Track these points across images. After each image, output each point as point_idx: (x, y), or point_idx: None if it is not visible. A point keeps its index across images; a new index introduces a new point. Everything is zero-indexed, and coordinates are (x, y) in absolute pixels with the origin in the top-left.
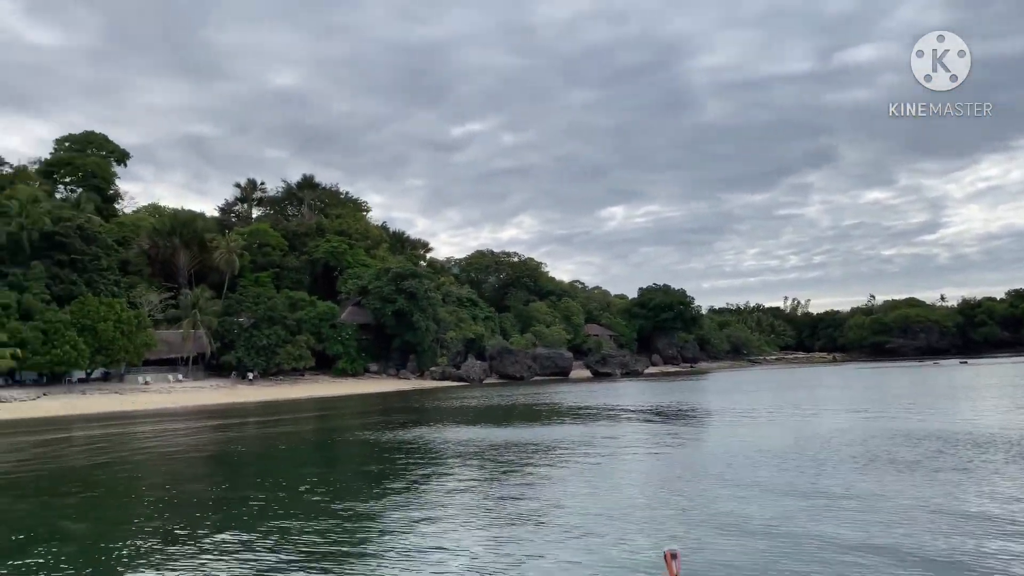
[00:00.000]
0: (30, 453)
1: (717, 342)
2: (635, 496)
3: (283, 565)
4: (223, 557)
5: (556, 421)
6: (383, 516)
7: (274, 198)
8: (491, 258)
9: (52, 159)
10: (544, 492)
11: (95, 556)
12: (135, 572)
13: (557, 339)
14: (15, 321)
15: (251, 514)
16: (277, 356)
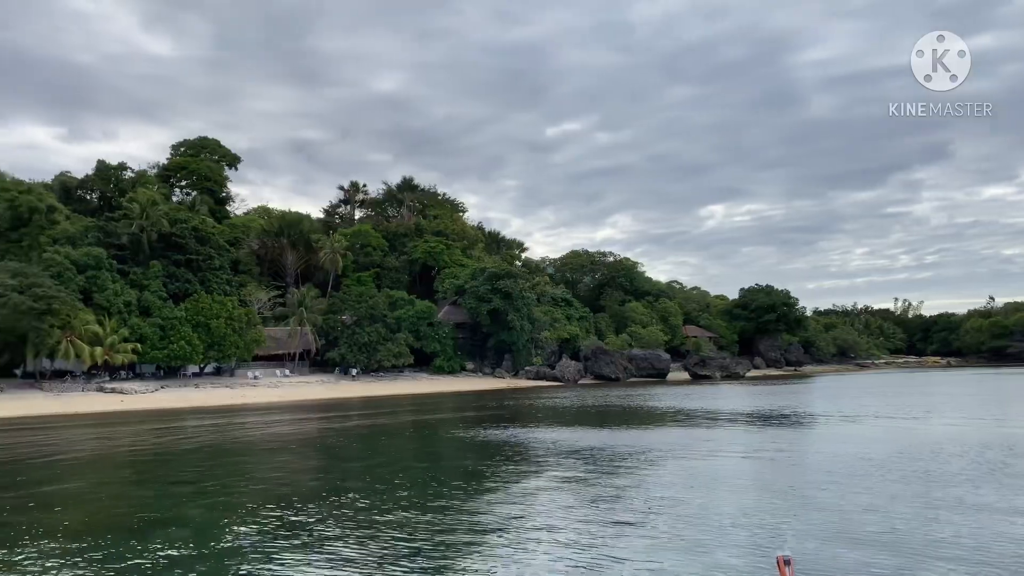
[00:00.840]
0: (151, 443)
1: (823, 345)
2: (740, 501)
3: (380, 555)
4: (325, 545)
5: (653, 424)
6: (478, 513)
7: (375, 200)
8: (586, 258)
9: (169, 164)
10: (643, 495)
11: (209, 540)
12: (245, 557)
13: (654, 340)
14: (136, 317)
15: (353, 505)
16: (378, 353)
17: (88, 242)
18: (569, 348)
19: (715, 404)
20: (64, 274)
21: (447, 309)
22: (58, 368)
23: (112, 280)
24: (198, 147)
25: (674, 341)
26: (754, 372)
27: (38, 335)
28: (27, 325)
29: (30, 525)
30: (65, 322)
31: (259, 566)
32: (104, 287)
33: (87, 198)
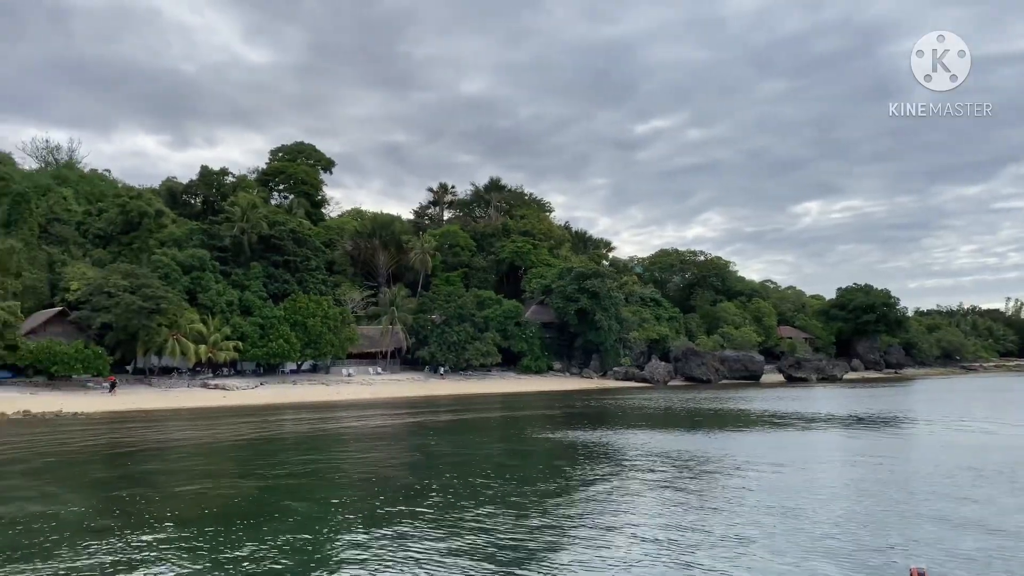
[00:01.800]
0: (253, 437)
1: (926, 347)
2: (849, 509)
3: (468, 551)
4: (418, 541)
5: (746, 427)
6: (564, 515)
7: (463, 200)
8: (676, 256)
9: (268, 168)
10: (740, 502)
11: (312, 532)
12: (345, 549)
13: (746, 341)
14: (237, 316)
15: (444, 501)
16: (466, 352)
17: (193, 244)
18: (659, 349)
19: (811, 407)
20: (171, 275)
21: (534, 309)
22: (165, 365)
23: (215, 281)
24: (295, 152)
25: (768, 342)
26: (851, 375)
27: (147, 333)
28: (137, 324)
29: (146, 513)
30: (172, 321)
31: (358, 556)
32: (208, 287)
33: (192, 202)
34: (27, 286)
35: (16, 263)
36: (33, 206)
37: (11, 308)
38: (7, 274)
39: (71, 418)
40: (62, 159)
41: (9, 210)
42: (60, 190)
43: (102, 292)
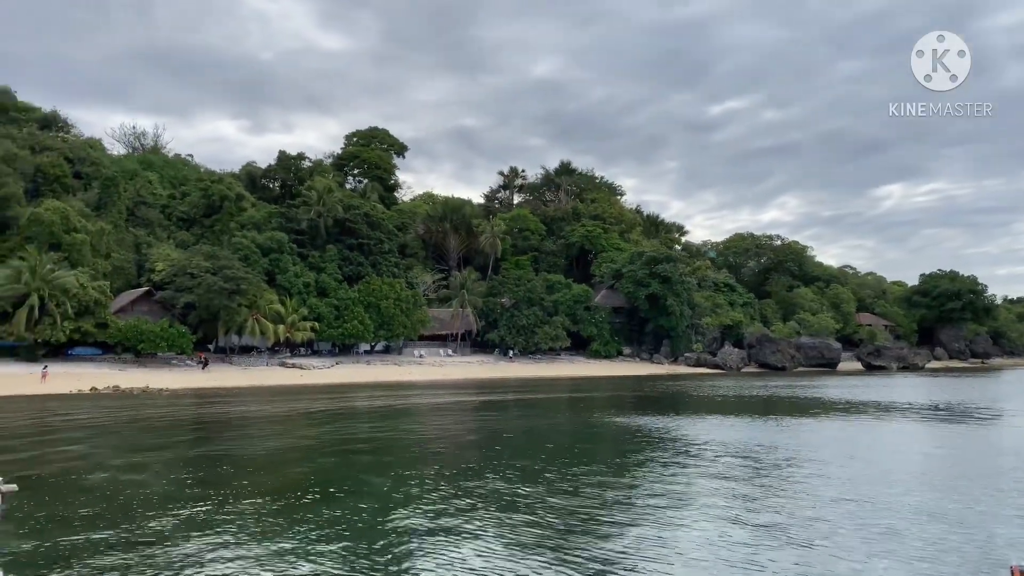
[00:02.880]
0: (329, 415)
1: (1015, 336)
2: (933, 503)
3: (530, 534)
4: (485, 517)
5: (822, 415)
6: (629, 501)
7: (533, 184)
8: (751, 241)
9: (343, 153)
10: (818, 494)
11: (389, 507)
12: (420, 524)
13: (824, 328)
14: (313, 298)
15: (511, 481)
16: (535, 336)
17: (271, 227)
18: (732, 335)
19: (891, 397)
20: (251, 257)
21: (604, 293)
22: (245, 344)
23: (293, 263)
24: (369, 137)
25: (846, 329)
26: (934, 363)
27: (228, 313)
28: (219, 304)
29: (229, 486)
30: (252, 301)
31: (431, 531)
32: (286, 269)
33: (270, 186)
34: (116, 267)
35: (106, 245)
36: (121, 190)
37: (101, 288)
38: (98, 255)
39: (157, 394)
40: (148, 144)
41: (100, 194)
42: (146, 174)
43: (186, 273)
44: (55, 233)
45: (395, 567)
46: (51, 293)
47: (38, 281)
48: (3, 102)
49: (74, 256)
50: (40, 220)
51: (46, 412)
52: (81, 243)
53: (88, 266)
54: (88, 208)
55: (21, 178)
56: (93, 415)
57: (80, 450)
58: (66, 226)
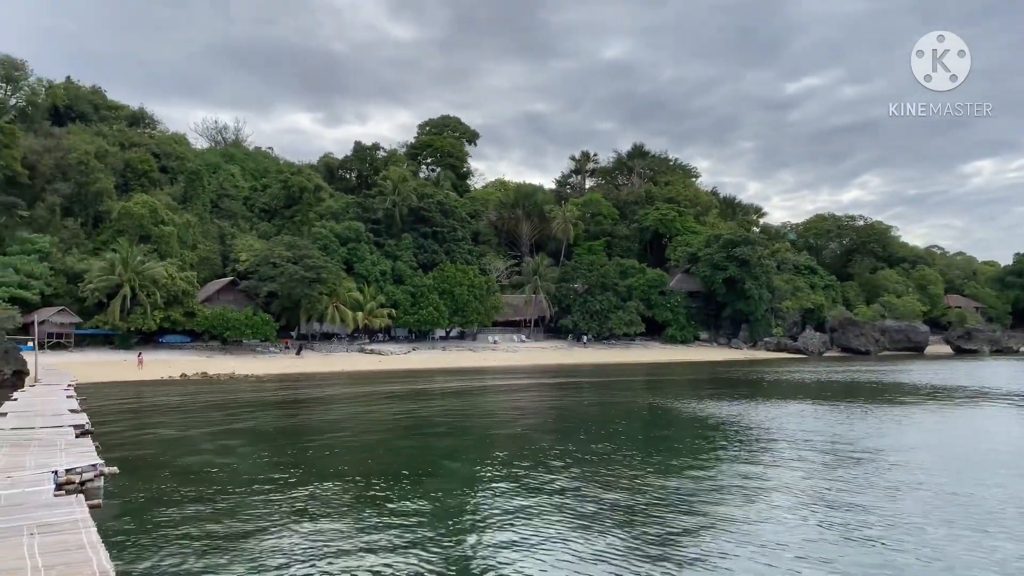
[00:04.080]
0: (408, 399)
1: None
2: None
3: (610, 520)
4: (560, 505)
5: (911, 401)
6: (706, 495)
7: (605, 168)
8: (832, 222)
9: (416, 142)
10: (918, 488)
11: (468, 492)
12: (502, 510)
13: (910, 311)
14: (390, 285)
15: (588, 468)
16: (609, 321)
17: (349, 217)
18: (813, 319)
19: (984, 382)
20: (330, 246)
21: (679, 277)
22: (326, 331)
23: (370, 251)
24: (441, 125)
25: (933, 312)
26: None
27: (309, 301)
28: (300, 292)
29: (315, 468)
30: (331, 289)
31: (509, 514)
32: (363, 258)
33: (347, 177)
34: (202, 258)
35: (192, 236)
36: (205, 183)
37: (189, 278)
38: (185, 247)
39: (243, 380)
40: (229, 138)
41: (185, 187)
42: (228, 167)
43: (268, 263)
44: (145, 226)
45: (474, 550)
46: (142, 284)
47: (130, 272)
48: (94, 101)
49: (163, 248)
50: (130, 214)
51: (140, 397)
52: (169, 235)
53: (176, 257)
54: (175, 201)
55: (112, 173)
56: (184, 400)
57: (173, 434)
58: (155, 219)
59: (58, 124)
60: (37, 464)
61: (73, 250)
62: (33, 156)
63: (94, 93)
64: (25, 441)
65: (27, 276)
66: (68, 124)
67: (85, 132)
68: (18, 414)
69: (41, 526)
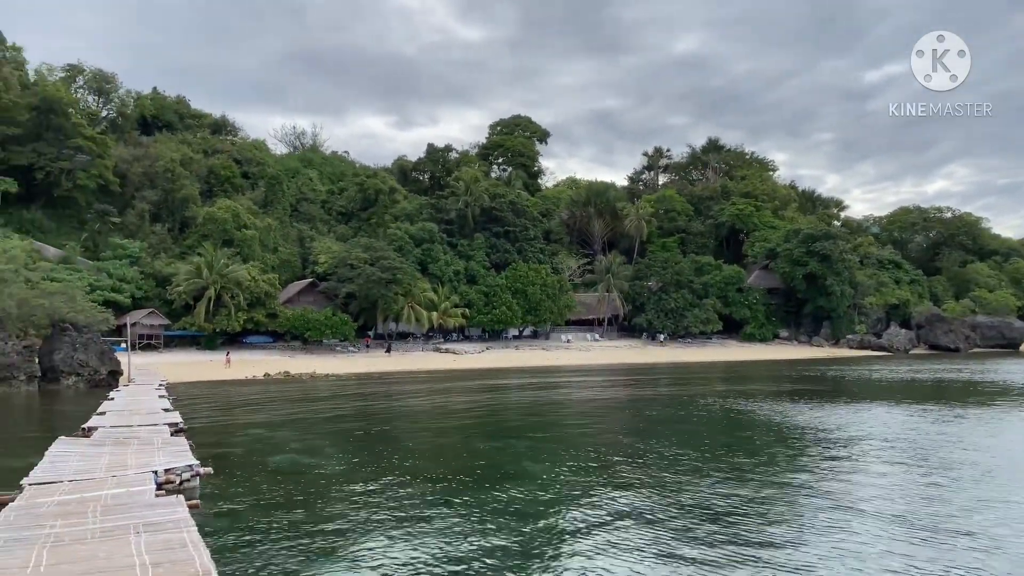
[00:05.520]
0: (484, 398)
1: None
2: None
3: (692, 527)
4: (642, 510)
5: (1005, 401)
6: (788, 501)
7: (679, 164)
8: (917, 214)
9: (487, 143)
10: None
11: (548, 494)
12: (580, 512)
13: (1003, 305)
14: (463, 285)
15: (668, 471)
16: (685, 319)
17: (422, 218)
18: (898, 315)
19: None
20: (404, 247)
21: (757, 274)
22: (402, 331)
23: (443, 252)
24: (512, 125)
25: None
26: None
27: (386, 301)
28: (377, 293)
29: (394, 469)
30: (407, 290)
31: (595, 521)
32: (437, 258)
33: (420, 178)
34: (283, 260)
35: (273, 239)
36: (285, 187)
37: (270, 280)
38: (266, 250)
39: (323, 379)
40: (307, 143)
41: (266, 192)
42: (307, 172)
43: (346, 264)
44: (228, 230)
45: (556, 554)
46: (226, 286)
47: (215, 275)
48: (179, 111)
49: (245, 251)
50: (215, 219)
51: (227, 396)
52: (251, 239)
53: (258, 260)
54: (256, 206)
55: (197, 180)
56: (268, 399)
57: (261, 433)
58: (237, 223)
59: (146, 133)
60: (138, 464)
61: (161, 254)
62: (123, 165)
63: (179, 103)
64: (125, 439)
65: (119, 280)
66: (155, 133)
67: (171, 140)
68: (117, 412)
69: (146, 525)
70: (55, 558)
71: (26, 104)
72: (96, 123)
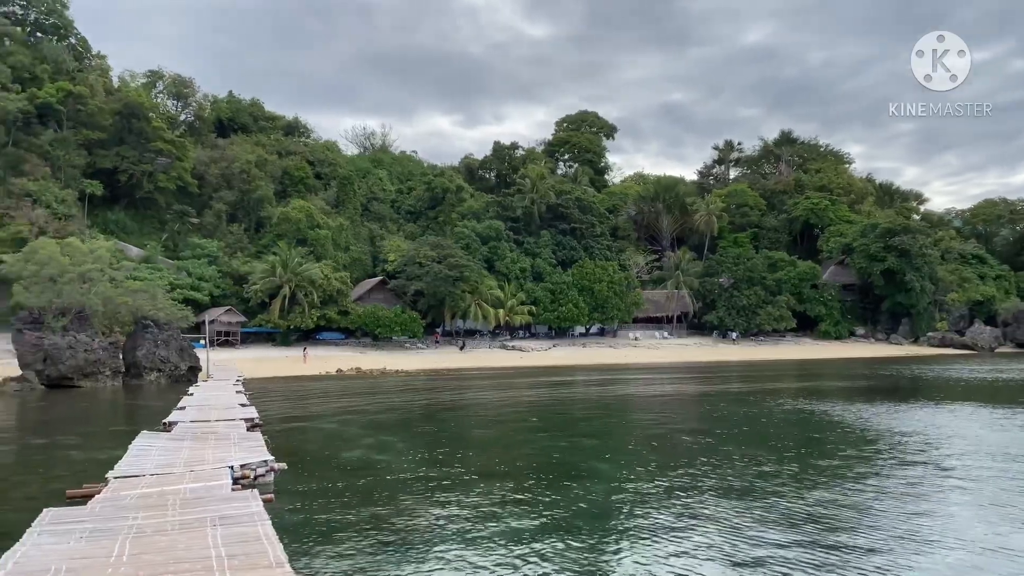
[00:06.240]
0: (552, 396)
1: None
2: None
3: (767, 534)
4: (714, 514)
5: None
6: (869, 510)
7: (750, 157)
8: (1003, 206)
9: (553, 139)
10: None
11: (618, 494)
12: (651, 515)
13: None
14: (530, 283)
15: (742, 475)
16: (757, 316)
17: (489, 216)
18: (983, 312)
19: None
20: (471, 245)
21: (833, 270)
22: (469, 328)
23: (509, 249)
24: (578, 121)
25: None
26: None
27: (453, 299)
28: (444, 290)
29: (464, 466)
30: (474, 287)
31: (660, 523)
32: (503, 256)
33: (486, 176)
34: (354, 259)
35: (345, 238)
36: (356, 187)
37: (342, 278)
38: (338, 248)
39: (393, 375)
40: (377, 144)
41: (337, 192)
42: (377, 172)
43: (414, 262)
44: (302, 230)
45: (629, 557)
46: (300, 284)
47: (289, 273)
48: (253, 113)
49: (318, 250)
50: (289, 218)
51: (300, 392)
52: (324, 238)
53: (330, 258)
54: (328, 205)
55: (271, 181)
56: (340, 395)
57: (333, 429)
58: (311, 223)
59: (222, 136)
60: (215, 458)
61: (238, 254)
62: (201, 167)
63: (253, 106)
64: (203, 435)
65: (198, 278)
66: (231, 136)
67: (246, 142)
68: (196, 407)
69: (222, 518)
70: (137, 548)
71: (110, 110)
72: (175, 127)
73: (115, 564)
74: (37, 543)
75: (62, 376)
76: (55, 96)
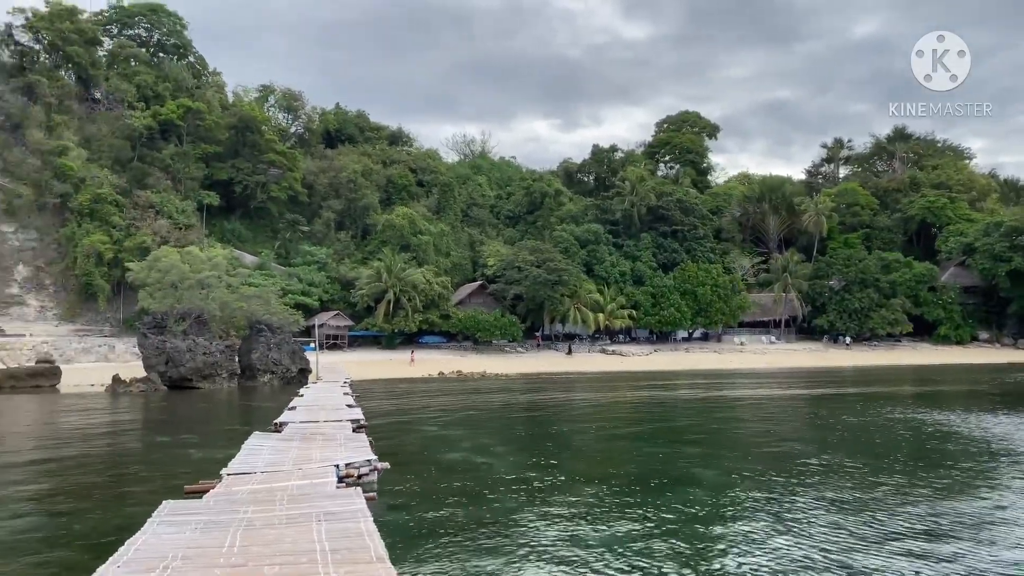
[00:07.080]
0: (654, 402)
1: None
2: None
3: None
4: (823, 529)
5: None
6: (989, 528)
7: (861, 155)
8: None
9: (653, 141)
10: None
11: (723, 503)
12: (751, 523)
13: None
14: (630, 286)
15: (854, 489)
16: (870, 320)
17: (588, 219)
18: None
19: None
20: (570, 249)
21: (952, 271)
22: (568, 332)
23: (608, 253)
24: (679, 122)
25: None
26: None
27: (552, 303)
28: (543, 294)
29: (564, 470)
30: (573, 291)
31: (766, 534)
32: (602, 259)
33: (584, 180)
34: (454, 263)
35: (446, 244)
36: (456, 194)
37: (444, 283)
38: (440, 254)
39: (493, 378)
40: (476, 150)
41: (439, 198)
42: (476, 178)
43: (513, 267)
44: (405, 236)
45: (730, 565)
46: (403, 289)
47: (393, 279)
48: (359, 124)
49: (420, 255)
50: (393, 225)
51: (404, 394)
52: (426, 244)
53: (432, 264)
54: (430, 212)
55: (376, 189)
56: (442, 397)
57: (435, 430)
58: (413, 229)
59: (330, 147)
60: (322, 457)
61: (345, 260)
62: (311, 177)
63: (359, 117)
64: (311, 435)
65: (308, 284)
66: (338, 146)
67: (352, 152)
68: (305, 408)
69: (327, 514)
70: (247, 540)
71: (226, 124)
72: (286, 139)
73: (226, 554)
74: (156, 532)
75: (182, 377)
76: (176, 112)
